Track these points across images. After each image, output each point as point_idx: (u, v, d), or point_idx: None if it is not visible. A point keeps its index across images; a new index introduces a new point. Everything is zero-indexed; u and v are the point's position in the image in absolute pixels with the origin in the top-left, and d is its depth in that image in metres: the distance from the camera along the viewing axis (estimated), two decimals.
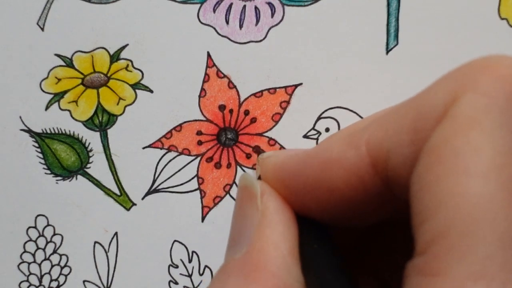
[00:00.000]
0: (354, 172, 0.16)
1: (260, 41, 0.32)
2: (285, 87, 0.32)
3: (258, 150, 0.32)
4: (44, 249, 0.33)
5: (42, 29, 0.32)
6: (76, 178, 0.33)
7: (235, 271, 0.17)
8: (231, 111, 0.33)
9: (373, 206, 0.17)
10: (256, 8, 0.32)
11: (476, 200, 0.13)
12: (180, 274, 0.33)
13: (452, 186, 0.13)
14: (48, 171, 0.33)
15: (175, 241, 0.33)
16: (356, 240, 0.21)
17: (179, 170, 0.33)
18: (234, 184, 0.33)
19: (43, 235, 0.33)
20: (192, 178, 0.33)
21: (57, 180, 0.33)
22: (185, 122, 0.33)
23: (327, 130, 0.33)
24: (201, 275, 0.33)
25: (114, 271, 0.33)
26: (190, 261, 0.33)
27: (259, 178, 0.20)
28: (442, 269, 0.13)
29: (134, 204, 0.33)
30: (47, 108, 0.32)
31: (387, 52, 0.32)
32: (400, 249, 0.16)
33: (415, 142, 0.15)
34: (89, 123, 0.33)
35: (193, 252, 0.33)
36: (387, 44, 0.32)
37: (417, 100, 0.16)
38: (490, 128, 0.13)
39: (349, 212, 0.17)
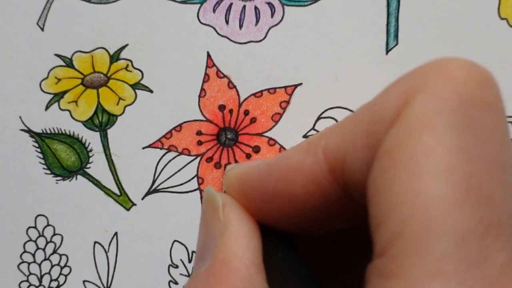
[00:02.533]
0: (312, 179, 0.16)
1: (260, 41, 0.32)
2: (285, 87, 0.32)
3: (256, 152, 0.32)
4: (44, 249, 0.33)
5: (42, 29, 0.32)
6: (76, 178, 0.33)
7: (200, 284, 0.17)
8: (231, 111, 0.33)
9: (334, 213, 0.17)
10: (256, 8, 0.32)
11: (430, 201, 0.13)
12: (180, 274, 0.33)
13: (406, 187, 0.13)
14: (48, 171, 0.33)
15: (175, 241, 0.33)
16: (322, 247, 0.21)
17: (179, 170, 0.33)
18: None
19: (43, 235, 0.33)
20: (192, 178, 0.33)
21: (57, 180, 0.33)
22: (185, 122, 0.33)
23: None
24: None
25: (114, 271, 0.33)
26: (190, 261, 0.33)
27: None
28: (400, 270, 0.13)
29: (134, 204, 0.33)
30: (47, 108, 0.32)
31: (387, 52, 0.32)
32: (365, 255, 0.16)
33: (369, 146, 0.15)
34: (89, 123, 0.33)
35: (193, 252, 0.33)
36: (387, 44, 0.32)
37: (371, 104, 0.16)
38: (442, 129, 0.13)
39: (311, 219, 0.17)
